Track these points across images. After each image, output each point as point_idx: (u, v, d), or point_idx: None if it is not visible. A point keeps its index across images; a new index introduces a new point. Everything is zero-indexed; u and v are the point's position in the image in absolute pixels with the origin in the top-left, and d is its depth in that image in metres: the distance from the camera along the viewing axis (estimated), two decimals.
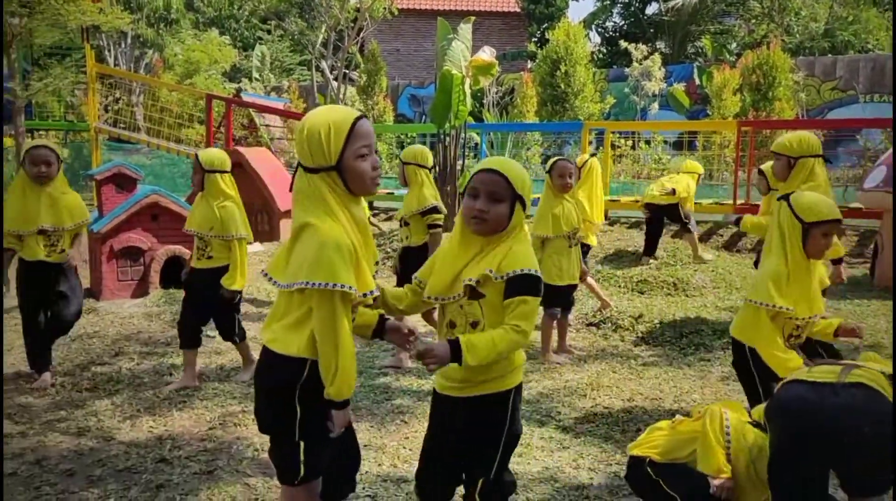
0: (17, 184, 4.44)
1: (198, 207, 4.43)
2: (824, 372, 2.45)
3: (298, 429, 2.19)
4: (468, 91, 9.37)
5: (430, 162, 5.03)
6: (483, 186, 2.26)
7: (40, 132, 15.35)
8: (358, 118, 2.15)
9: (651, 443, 2.74)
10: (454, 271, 2.29)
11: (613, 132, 12.22)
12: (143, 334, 5.68)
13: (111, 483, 3.20)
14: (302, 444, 2.20)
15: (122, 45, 22.32)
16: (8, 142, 14.98)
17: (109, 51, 21.97)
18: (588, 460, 3.47)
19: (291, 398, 2.16)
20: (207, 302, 4.43)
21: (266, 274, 2.22)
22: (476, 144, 14.83)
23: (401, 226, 5.11)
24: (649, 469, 2.67)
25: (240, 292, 4.51)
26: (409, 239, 4.92)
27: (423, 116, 24.19)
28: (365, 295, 2.15)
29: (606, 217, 9.99)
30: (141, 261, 6.73)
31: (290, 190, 2.19)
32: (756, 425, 2.61)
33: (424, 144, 14.95)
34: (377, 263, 5.12)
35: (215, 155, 4.41)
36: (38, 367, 4.53)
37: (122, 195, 6.72)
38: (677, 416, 2.82)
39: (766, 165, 4.78)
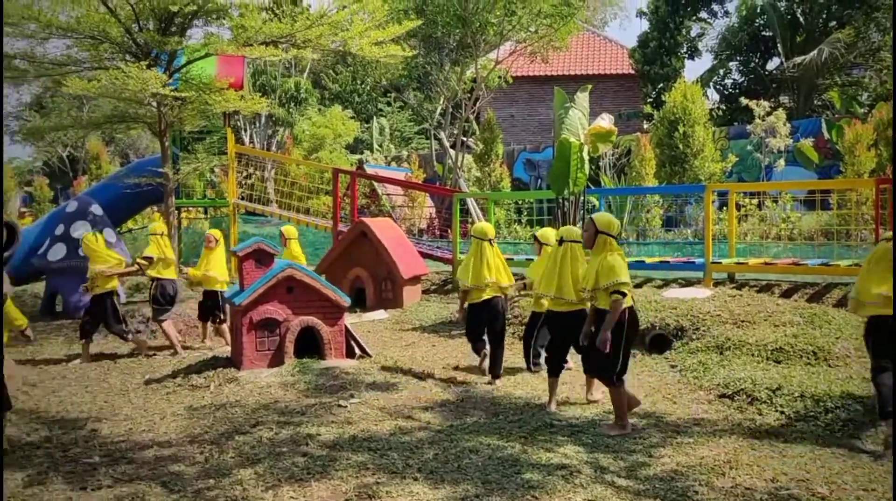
0: None
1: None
2: None
3: None
4: (586, 158, 9.43)
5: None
6: None
7: (187, 209, 16.72)
8: None
9: None
10: None
11: (738, 192, 11.87)
12: (280, 403, 5.96)
13: None
14: None
15: (257, 125, 24.10)
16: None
17: (245, 130, 23.76)
18: None
19: None
20: None
21: None
22: (594, 207, 14.78)
23: None
24: None
25: None
26: None
27: (539, 180, 24.35)
28: None
29: (733, 280, 9.67)
30: (277, 332, 7.11)
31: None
32: None
33: (542, 209, 15.07)
34: None
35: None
36: None
37: (261, 270, 7.18)
38: None
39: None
